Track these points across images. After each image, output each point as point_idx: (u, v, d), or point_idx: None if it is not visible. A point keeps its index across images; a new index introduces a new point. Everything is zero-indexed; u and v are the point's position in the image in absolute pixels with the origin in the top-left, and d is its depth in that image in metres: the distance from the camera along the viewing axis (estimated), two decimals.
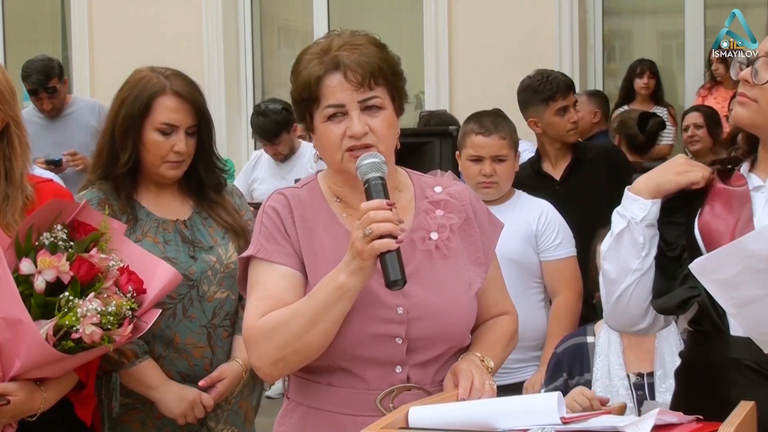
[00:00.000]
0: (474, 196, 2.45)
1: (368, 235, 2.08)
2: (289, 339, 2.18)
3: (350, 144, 2.24)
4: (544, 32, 7.39)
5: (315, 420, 2.31)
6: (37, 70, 6.15)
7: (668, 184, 2.33)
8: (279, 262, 2.27)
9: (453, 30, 7.67)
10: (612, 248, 2.36)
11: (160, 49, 7.99)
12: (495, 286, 2.44)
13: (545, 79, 4.80)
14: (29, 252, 2.49)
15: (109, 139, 3.04)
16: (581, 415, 2.07)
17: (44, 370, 2.51)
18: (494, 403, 2.12)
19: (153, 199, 3.08)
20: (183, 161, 3.04)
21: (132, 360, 2.95)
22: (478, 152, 3.90)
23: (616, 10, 8.06)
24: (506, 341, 2.42)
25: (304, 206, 2.32)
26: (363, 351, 2.25)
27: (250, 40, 8.55)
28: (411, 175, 2.44)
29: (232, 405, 3.11)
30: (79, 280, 2.48)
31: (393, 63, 2.32)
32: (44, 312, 2.46)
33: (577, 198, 4.55)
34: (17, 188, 2.61)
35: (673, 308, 2.29)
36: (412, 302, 2.27)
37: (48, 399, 2.56)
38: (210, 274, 3.03)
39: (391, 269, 2.10)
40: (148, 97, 2.99)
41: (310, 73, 2.27)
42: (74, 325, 2.43)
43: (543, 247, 3.92)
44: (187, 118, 3.02)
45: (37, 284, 2.45)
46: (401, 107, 2.35)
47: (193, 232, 3.07)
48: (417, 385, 2.28)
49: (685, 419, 2.00)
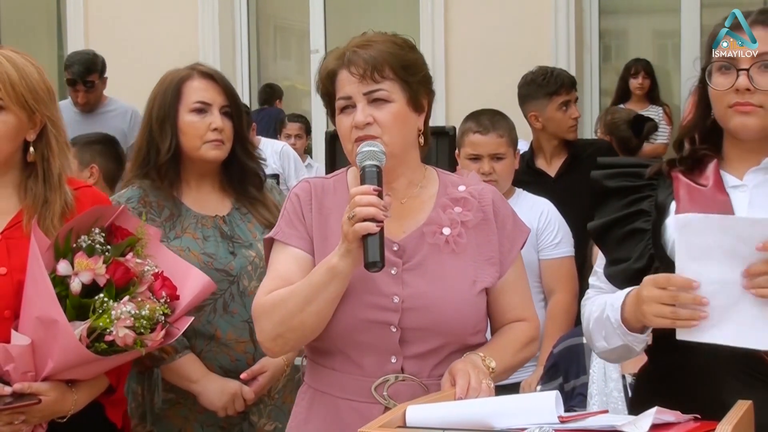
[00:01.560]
0: (500, 198, 2.48)
1: (352, 218, 2.17)
2: (285, 317, 2.28)
3: (357, 135, 2.32)
4: (541, 31, 7.38)
5: (319, 403, 2.41)
6: (80, 62, 6.23)
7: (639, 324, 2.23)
8: (292, 245, 2.39)
9: (449, 29, 7.66)
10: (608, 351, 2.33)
11: (156, 48, 7.99)
12: (515, 290, 2.45)
13: (549, 74, 4.83)
14: (67, 254, 2.51)
15: (147, 134, 3.10)
16: (579, 414, 2.07)
17: (76, 372, 2.53)
18: (492, 403, 2.12)
19: (193, 195, 3.11)
20: (222, 141, 3.07)
21: (172, 355, 2.99)
22: (476, 150, 3.90)
23: (612, 9, 8.05)
24: (518, 346, 2.42)
25: (327, 195, 2.42)
26: (358, 336, 2.32)
27: (246, 39, 8.54)
28: (439, 173, 2.50)
29: (275, 400, 3.14)
30: (114, 283, 2.50)
31: (405, 58, 2.37)
32: (79, 314, 2.48)
33: (572, 195, 4.53)
34: (55, 191, 2.60)
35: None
36: (410, 292, 2.32)
37: (79, 401, 2.57)
38: (250, 269, 3.06)
39: (370, 251, 2.17)
40: (178, 83, 3.08)
41: (325, 68, 2.41)
42: (108, 328, 2.45)
43: (542, 245, 3.92)
44: (218, 97, 3.08)
45: (73, 286, 2.48)
46: (419, 104, 2.40)
47: (232, 228, 3.10)
48: (410, 376, 2.32)
49: (683, 418, 2.00)
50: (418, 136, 2.42)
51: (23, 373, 2.47)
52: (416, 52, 2.43)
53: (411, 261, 2.35)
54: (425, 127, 2.45)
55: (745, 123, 2.23)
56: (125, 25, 8.42)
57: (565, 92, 4.78)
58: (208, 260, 3.02)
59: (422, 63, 2.43)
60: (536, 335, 2.50)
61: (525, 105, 4.84)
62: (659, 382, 2.33)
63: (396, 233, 2.37)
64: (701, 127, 2.35)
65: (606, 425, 1.95)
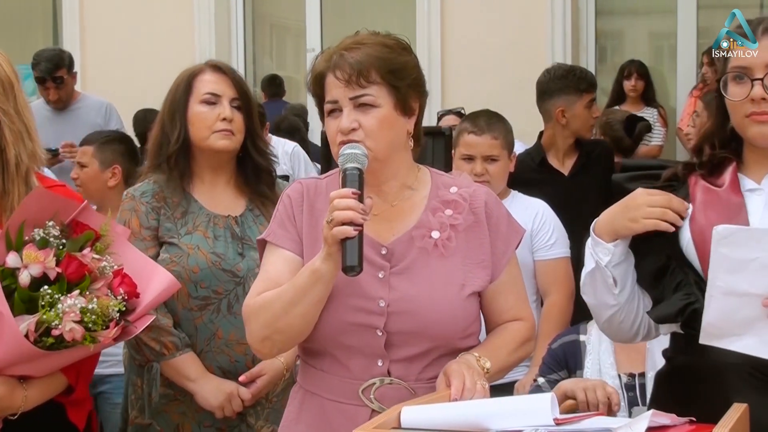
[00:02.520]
0: (494, 199, 2.45)
1: (329, 222, 2.16)
2: (271, 319, 2.28)
3: (341, 139, 2.31)
4: (537, 32, 7.39)
5: (309, 403, 2.40)
6: (47, 59, 6.21)
7: (623, 230, 2.29)
8: (283, 247, 2.38)
9: (445, 29, 7.67)
10: (587, 284, 2.36)
11: (151, 45, 7.99)
12: (510, 290, 2.43)
13: (579, 71, 4.88)
14: (19, 247, 2.46)
15: (161, 127, 3.11)
16: (574, 416, 2.06)
17: (26, 368, 2.48)
18: (487, 404, 2.11)
19: (207, 193, 3.11)
20: (232, 131, 3.07)
21: (173, 352, 2.99)
22: (469, 151, 3.90)
23: (608, 10, 8.06)
24: (514, 346, 2.41)
25: (319, 196, 2.39)
26: (345, 339, 2.31)
27: (242, 37, 8.54)
28: (433, 174, 2.47)
29: (273, 403, 3.12)
30: (66, 277, 2.45)
31: (394, 62, 2.33)
32: (29, 308, 2.43)
33: (585, 193, 4.54)
34: (13, 181, 2.56)
35: (671, 317, 2.27)
36: (396, 296, 2.31)
37: (30, 398, 2.51)
38: (257, 271, 3.04)
39: (348, 255, 2.16)
40: (189, 77, 3.11)
41: (315, 70, 2.38)
42: (55, 321, 2.39)
43: (537, 246, 3.91)
44: (228, 90, 3.10)
45: (22, 278, 2.42)
46: (408, 107, 2.36)
47: (243, 229, 3.09)
48: (397, 380, 2.31)
49: (679, 421, 1.99)
50: (407, 138, 2.39)
51: None
52: (408, 53, 2.39)
53: (399, 265, 2.33)
54: (416, 129, 2.41)
55: (762, 132, 2.24)
56: (121, 24, 8.41)
57: (593, 90, 4.83)
58: (216, 260, 3.02)
59: (413, 65, 2.38)
60: (532, 335, 2.48)
61: (550, 100, 4.76)
62: (676, 384, 2.34)
63: (385, 236, 2.36)
64: (720, 135, 2.36)
65: (601, 428, 1.95)
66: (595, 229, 2.33)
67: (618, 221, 2.29)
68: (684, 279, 2.25)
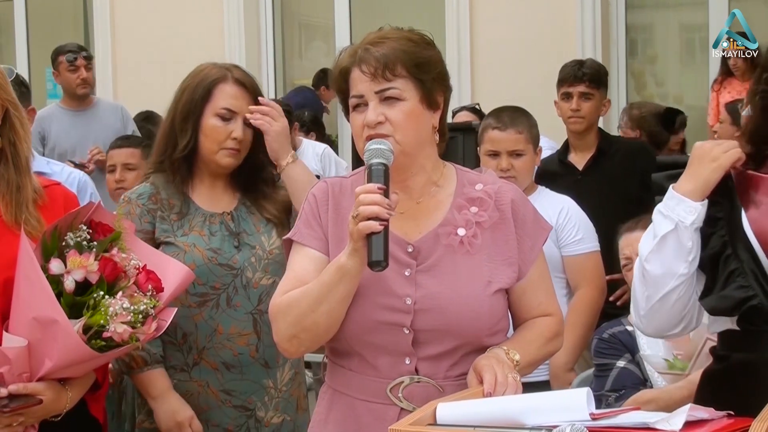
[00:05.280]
0: (520, 197, 2.44)
1: (355, 217, 2.16)
2: (298, 317, 2.28)
3: (368, 133, 2.31)
4: (567, 26, 7.36)
5: (338, 403, 2.41)
6: (70, 45, 6.42)
7: (714, 174, 2.29)
8: (309, 246, 2.38)
9: (475, 25, 7.65)
10: (656, 251, 2.32)
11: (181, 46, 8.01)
12: (538, 287, 2.42)
13: (568, 64, 4.98)
14: (54, 252, 2.49)
15: (169, 127, 3.10)
16: (611, 411, 2.06)
17: (71, 370, 2.52)
18: (523, 399, 2.11)
19: (205, 193, 3.12)
20: (239, 150, 3.08)
21: (141, 366, 3.01)
22: (494, 147, 3.89)
23: (639, 4, 8.01)
24: (543, 341, 2.40)
25: (344, 194, 2.40)
26: (372, 337, 2.31)
27: (271, 37, 8.55)
28: (458, 170, 2.47)
29: (282, 392, 3.13)
30: (105, 279, 2.48)
31: (419, 56, 2.34)
32: (71, 312, 2.46)
33: (597, 189, 4.57)
34: (25, 175, 2.57)
35: (727, 310, 2.25)
36: (422, 294, 2.30)
37: (73, 398, 2.56)
38: (254, 260, 3.07)
39: (374, 250, 2.16)
40: (210, 83, 3.07)
41: (339, 66, 2.39)
42: (104, 324, 2.43)
43: (564, 242, 3.90)
44: (245, 107, 3.07)
45: (67, 284, 2.45)
46: (433, 101, 2.37)
47: (238, 224, 3.10)
48: (425, 378, 2.31)
49: (716, 415, 1.98)
50: (433, 133, 2.39)
51: (18, 374, 2.45)
52: (432, 48, 2.39)
53: (425, 262, 2.33)
54: (441, 124, 2.42)
55: None
56: (151, 25, 8.46)
57: (567, 84, 4.87)
58: (213, 255, 3.03)
59: (437, 60, 2.39)
60: (561, 330, 2.47)
61: None
62: (724, 381, 2.32)
63: (412, 234, 2.36)
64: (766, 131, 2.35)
65: (639, 422, 1.94)
66: (678, 190, 2.30)
67: (703, 172, 2.28)
68: (738, 267, 2.23)
